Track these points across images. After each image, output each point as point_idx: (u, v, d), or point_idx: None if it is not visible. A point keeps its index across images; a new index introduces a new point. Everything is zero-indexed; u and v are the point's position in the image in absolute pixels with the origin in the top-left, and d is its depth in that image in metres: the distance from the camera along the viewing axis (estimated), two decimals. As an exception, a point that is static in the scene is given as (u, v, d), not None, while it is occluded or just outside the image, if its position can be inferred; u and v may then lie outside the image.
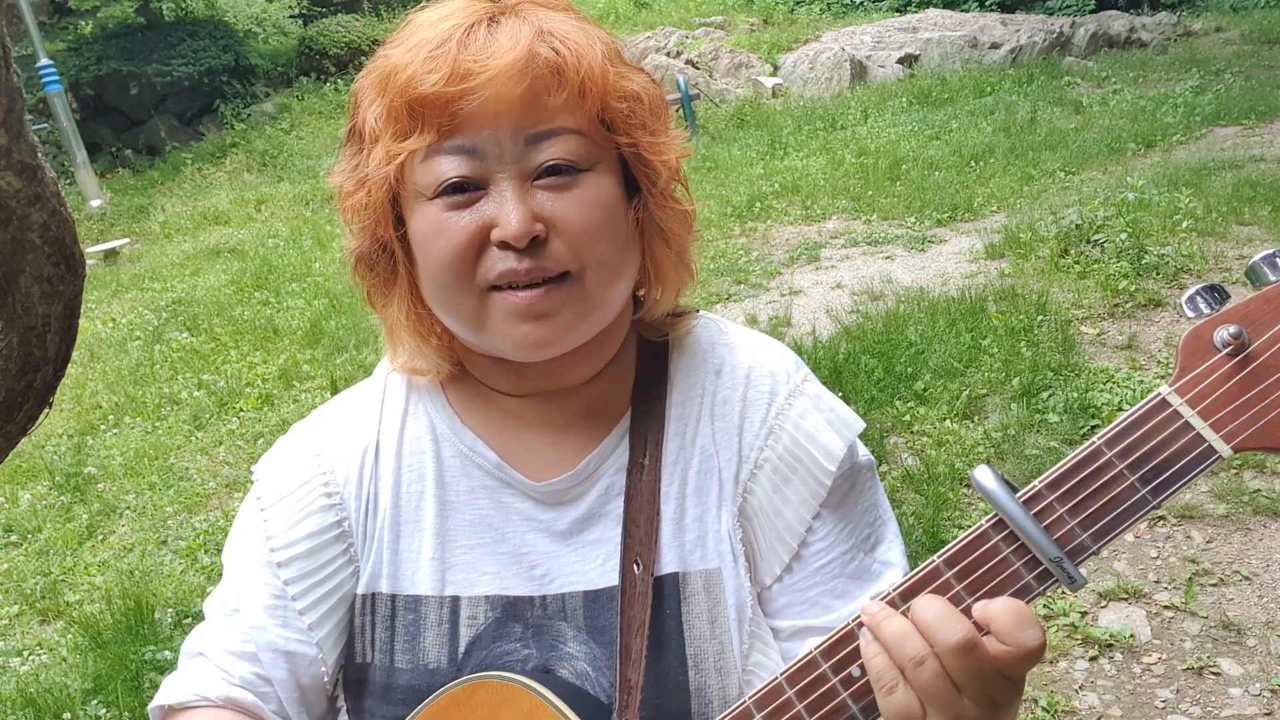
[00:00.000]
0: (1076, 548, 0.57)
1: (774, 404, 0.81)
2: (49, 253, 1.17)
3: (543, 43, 0.71)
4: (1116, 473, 0.56)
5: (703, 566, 0.78)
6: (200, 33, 13.20)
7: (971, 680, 0.58)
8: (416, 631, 0.79)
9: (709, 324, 0.87)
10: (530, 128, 0.72)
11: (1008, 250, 5.25)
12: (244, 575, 0.82)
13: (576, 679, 0.76)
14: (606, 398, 0.83)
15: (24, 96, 1.08)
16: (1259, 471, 3.11)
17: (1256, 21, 11.12)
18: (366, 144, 0.76)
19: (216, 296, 6.96)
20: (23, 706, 2.90)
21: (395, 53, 0.74)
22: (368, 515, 0.81)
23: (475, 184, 0.72)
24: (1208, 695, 2.36)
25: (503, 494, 0.81)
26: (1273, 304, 0.56)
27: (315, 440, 0.84)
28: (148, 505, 4.18)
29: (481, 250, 0.72)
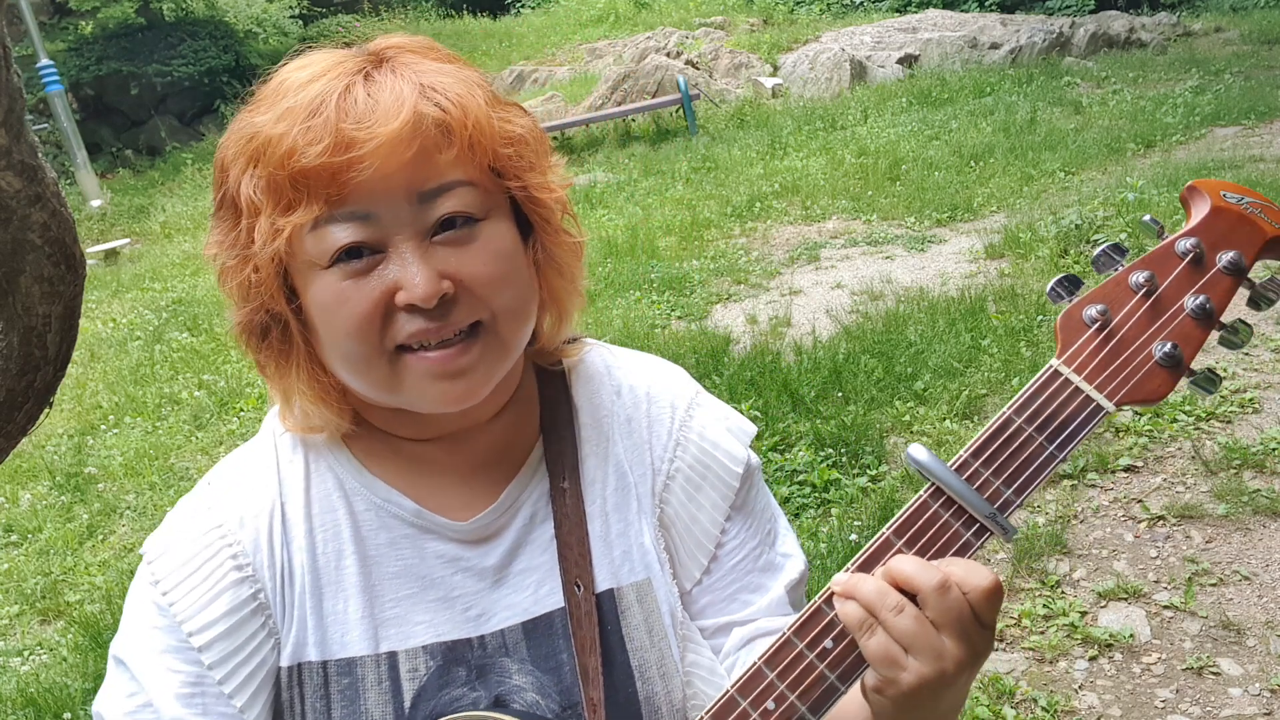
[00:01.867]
0: (1004, 503, 0.66)
1: (675, 417, 0.85)
2: (49, 253, 1.18)
3: (426, 100, 0.70)
4: (1027, 436, 0.66)
5: (633, 579, 0.81)
6: (200, 33, 13.21)
7: (950, 619, 0.63)
8: (355, 695, 0.76)
9: (599, 349, 0.89)
10: (422, 185, 0.70)
11: (1007, 250, 5.25)
12: (150, 666, 0.76)
13: (528, 709, 0.77)
14: (514, 430, 0.83)
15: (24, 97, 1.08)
16: (1259, 471, 3.11)
17: (1256, 21, 11.12)
18: (245, 216, 0.72)
19: (217, 296, 6.96)
20: (23, 706, 2.90)
21: (265, 120, 0.70)
22: (284, 583, 0.78)
23: (372, 248, 0.70)
24: (1207, 695, 2.36)
25: (424, 540, 0.80)
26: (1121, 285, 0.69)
27: (213, 512, 0.79)
28: (148, 505, 4.18)
29: (387, 314, 0.71)
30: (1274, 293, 0.67)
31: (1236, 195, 0.69)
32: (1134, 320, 0.68)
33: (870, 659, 0.65)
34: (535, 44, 13.95)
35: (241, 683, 0.76)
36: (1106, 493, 3.16)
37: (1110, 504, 3.11)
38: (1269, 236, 0.68)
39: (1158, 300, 0.68)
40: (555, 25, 14.64)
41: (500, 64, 13.19)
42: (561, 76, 12.01)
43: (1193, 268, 0.68)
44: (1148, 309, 0.68)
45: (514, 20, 16.10)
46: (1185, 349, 0.67)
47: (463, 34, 14.93)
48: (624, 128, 9.65)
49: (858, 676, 0.67)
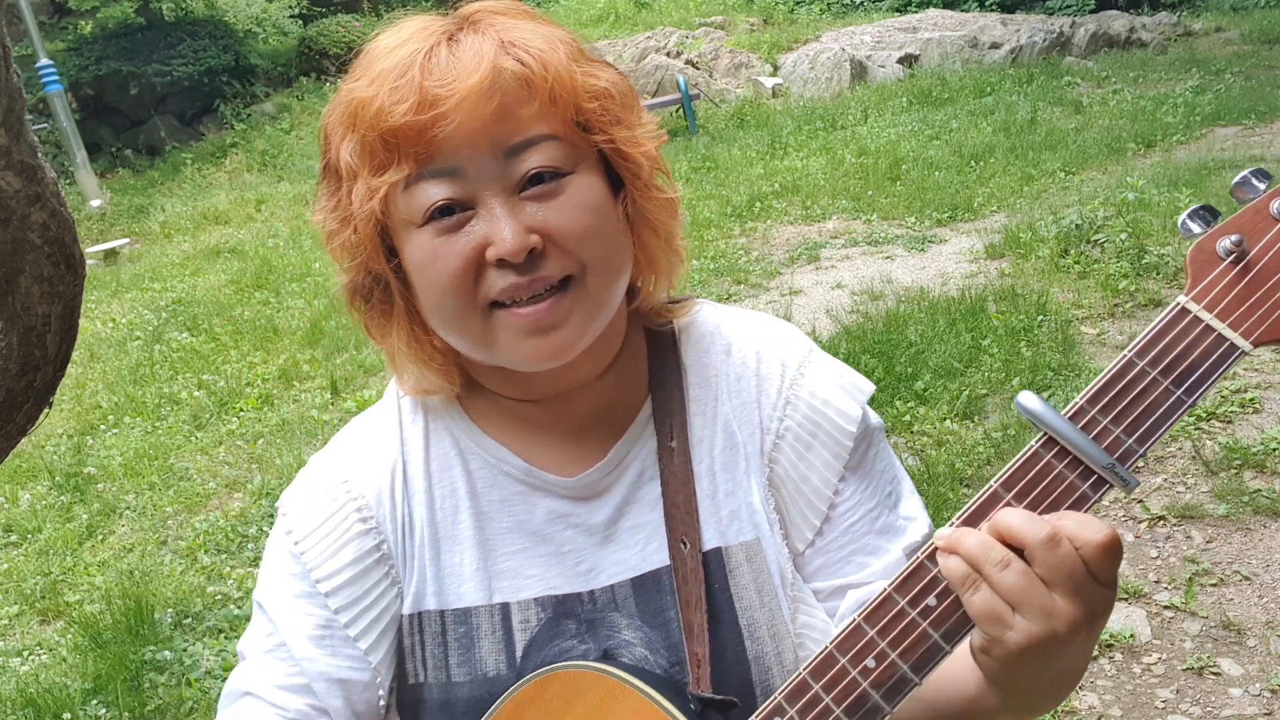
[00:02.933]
0: (1125, 452, 0.61)
1: (786, 376, 0.84)
2: (49, 253, 1.17)
3: (506, 55, 0.71)
4: (1150, 379, 0.61)
5: (741, 539, 0.81)
6: (200, 33, 13.20)
7: (1060, 576, 0.60)
8: (471, 642, 0.80)
9: (710, 308, 0.89)
10: (507, 141, 0.71)
11: (1008, 250, 5.25)
12: (285, 610, 0.81)
13: (637, 663, 0.78)
14: (621, 389, 0.84)
15: (24, 96, 1.08)
16: (1259, 471, 3.11)
17: (1256, 21, 11.11)
18: (345, 181, 0.75)
19: (216, 296, 6.96)
20: (23, 706, 2.90)
21: (358, 86, 0.73)
22: (405, 536, 0.82)
23: (462, 205, 0.72)
24: (1208, 695, 2.36)
25: (535, 497, 0.82)
26: (1262, 214, 0.62)
27: (340, 468, 0.84)
28: (147, 505, 4.18)
29: (480, 270, 0.73)
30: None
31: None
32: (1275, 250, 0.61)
33: (974, 617, 0.62)
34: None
35: (366, 627, 0.80)
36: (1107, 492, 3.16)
37: (1110, 504, 3.11)
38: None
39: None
40: (555, 25, 14.64)
41: (500, 64, 13.19)
42: (561, 76, 12.00)
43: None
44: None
45: (514, 20, 16.08)
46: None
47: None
48: (624, 127, 9.65)
49: (963, 636, 0.64)
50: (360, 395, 4.89)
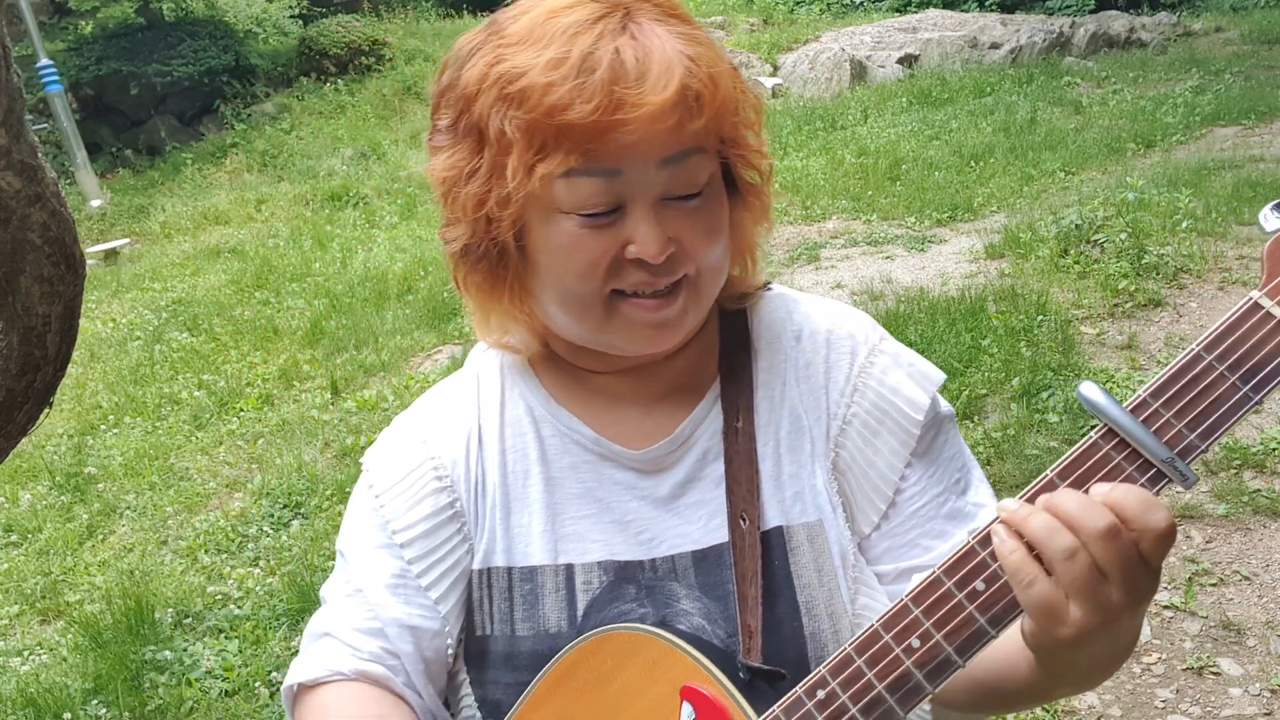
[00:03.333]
0: (1186, 447, 0.59)
1: (855, 363, 0.85)
2: (49, 253, 1.17)
3: (692, 76, 0.73)
4: (1217, 375, 0.59)
5: (804, 520, 0.83)
6: (200, 33, 13.19)
7: (1116, 566, 0.59)
8: (535, 599, 0.84)
9: (782, 293, 0.92)
10: (669, 151, 0.74)
11: (1007, 250, 5.25)
12: (363, 559, 0.87)
13: (693, 632, 0.80)
14: (693, 368, 0.87)
15: (24, 96, 1.08)
16: (1259, 471, 3.11)
17: (1256, 21, 11.11)
18: (493, 148, 0.75)
19: (217, 296, 6.96)
20: (23, 706, 2.90)
21: (528, 63, 0.71)
22: (478, 496, 0.87)
23: (614, 205, 0.75)
24: (1207, 695, 2.36)
25: (603, 467, 0.86)
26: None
27: (419, 429, 0.90)
28: (148, 505, 4.18)
29: (615, 263, 0.76)
30: None
31: None
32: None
33: (1030, 609, 0.61)
34: (535, 44, 13.92)
35: (437, 578, 0.85)
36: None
37: (1110, 504, 3.11)
38: None
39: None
40: (555, 25, 14.63)
41: (500, 64, 13.18)
42: (561, 76, 11.99)
43: None
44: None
45: (514, 20, 16.07)
46: None
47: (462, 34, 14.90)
48: (624, 128, 9.64)
49: (1009, 622, 0.63)
50: (360, 395, 4.89)
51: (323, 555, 3.51)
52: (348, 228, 8.32)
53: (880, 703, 0.65)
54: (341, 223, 8.51)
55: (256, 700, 2.83)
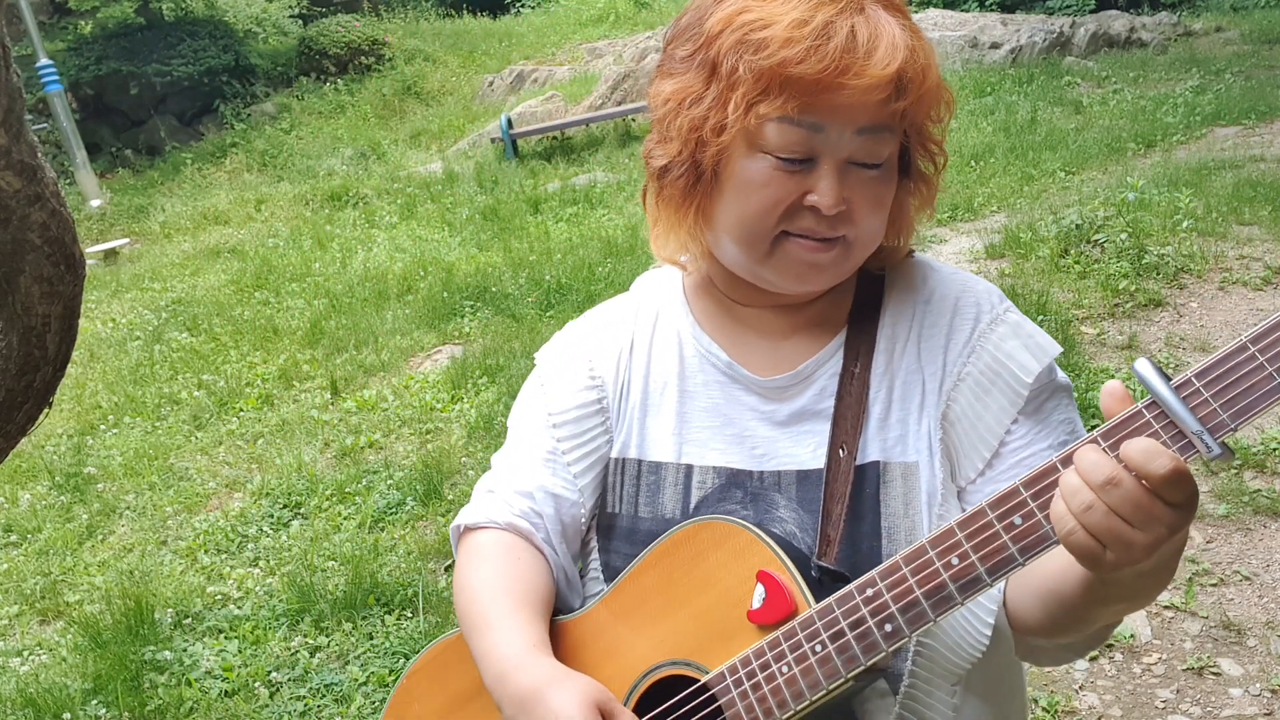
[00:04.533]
0: (1217, 425, 0.66)
1: (978, 328, 0.94)
2: (49, 253, 1.17)
3: (910, 60, 0.84)
4: (1258, 364, 0.65)
5: (902, 459, 0.92)
6: (200, 33, 13.19)
7: (1130, 510, 0.67)
8: (657, 489, 0.98)
9: (922, 261, 1.01)
10: (867, 121, 0.85)
11: (1008, 250, 5.25)
12: (526, 434, 1.04)
13: (785, 536, 0.92)
14: (826, 314, 0.98)
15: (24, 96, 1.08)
16: (1259, 471, 3.11)
17: (1257, 21, 11.11)
18: (721, 82, 0.86)
19: (216, 296, 6.96)
20: (23, 706, 2.90)
21: (771, 12, 0.83)
22: (622, 397, 1.02)
23: (808, 156, 0.86)
24: (1208, 695, 2.36)
25: (732, 388, 0.98)
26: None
27: (583, 336, 1.06)
28: (147, 505, 4.18)
29: (792, 206, 0.88)
30: None
31: None
32: None
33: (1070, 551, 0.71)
34: (535, 44, 13.93)
35: (579, 457, 1.02)
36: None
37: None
38: None
39: None
40: (555, 25, 14.63)
41: (500, 64, 13.19)
42: (561, 76, 12.00)
43: None
44: None
45: (514, 20, 16.08)
46: None
47: (463, 34, 14.92)
48: (624, 128, 9.64)
49: (1037, 554, 0.73)
50: (360, 395, 4.88)
51: (323, 555, 3.51)
52: (347, 228, 8.31)
53: (915, 605, 0.78)
54: (341, 223, 8.51)
55: (256, 700, 2.82)
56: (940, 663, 0.90)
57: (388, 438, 4.41)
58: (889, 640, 0.79)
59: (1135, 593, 0.76)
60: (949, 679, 0.91)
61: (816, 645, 0.81)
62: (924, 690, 0.90)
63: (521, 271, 6.20)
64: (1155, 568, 0.72)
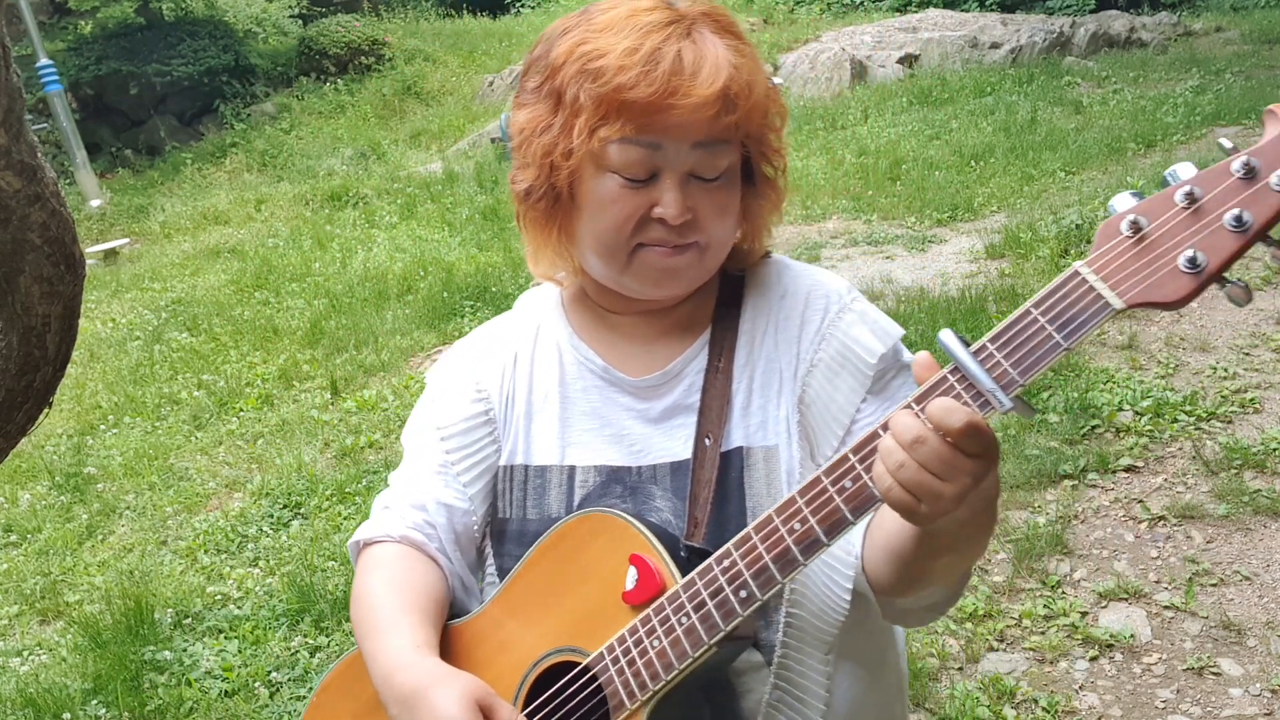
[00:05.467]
0: (1009, 382, 0.75)
1: (827, 317, 1.02)
2: (49, 252, 1.17)
3: (734, 78, 0.91)
4: (1039, 326, 0.74)
5: (764, 444, 1.00)
6: (200, 33, 13.19)
7: (936, 463, 0.74)
8: (543, 492, 1.05)
9: (779, 261, 1.10)
10: (701, 137, 0.92)
11: (1008, 250, 5.25)
12: (418, 450, 1.10)
13: (661, 523, 0.99)
14: (691, 316, 1.06)
15: (24, 96, 1.08)
16: (1259, 471, 3.11)
17: (1257, 21, 11.10)
18: (566, 110, 0.94)
19: (216, 296, 6.96)
20: (22, 706, 2.90)
21: (605, 43, 0.91)
22: (508, 407, 1.08)
23: (650, 173, 0.94)
24: (1208, 695, 2.36)
25: (609, 390, 1.06)
26: (1166, 199, 0.73)
27: (469, 354, 1.12)
28: (147, 505, 4.18)
29: (642, 219, 0.95)
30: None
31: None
32: (1166, 229, 0.72)
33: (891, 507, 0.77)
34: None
35: (468, 468, 1.07)
36: (1107, 493, 3.16)
37: (1111, 504, 3.11)
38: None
39: (1198, 212, 0.71)
40: (555, 25, 14.62)
41: (500, 64, 13.18)
42: (561, 76, 11.98)
43: (1243, 183, 0.70)
44: (1184, 219, 0.71)
45: (514, 20, 16.08)
46: (1212, 257, 0.70)
47: (463, 34, 14.92)
48: (624, 127, 9.63)
49: (865, 512, 0.81)
50: (360, 395, 4.88)
51: (322, 555, 3.51)
52: (347, 228, 8.31)
53: (765, 570, 0.85)
54: (341, 223, 8.51)
55: (256, 700, 2.82)
56: (809, 631, 0.97)
57: (388, 438, 4.41)
58: (744, 605, 0.85)
59: (959, 542, 0.83)
60: (820, 647, 0.98)
61: (682, 617, 0.88)
62: (795, 659, 0.97)
63: (522, 271, 6.20)
64: (970, 518, 0.79)
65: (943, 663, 2.57)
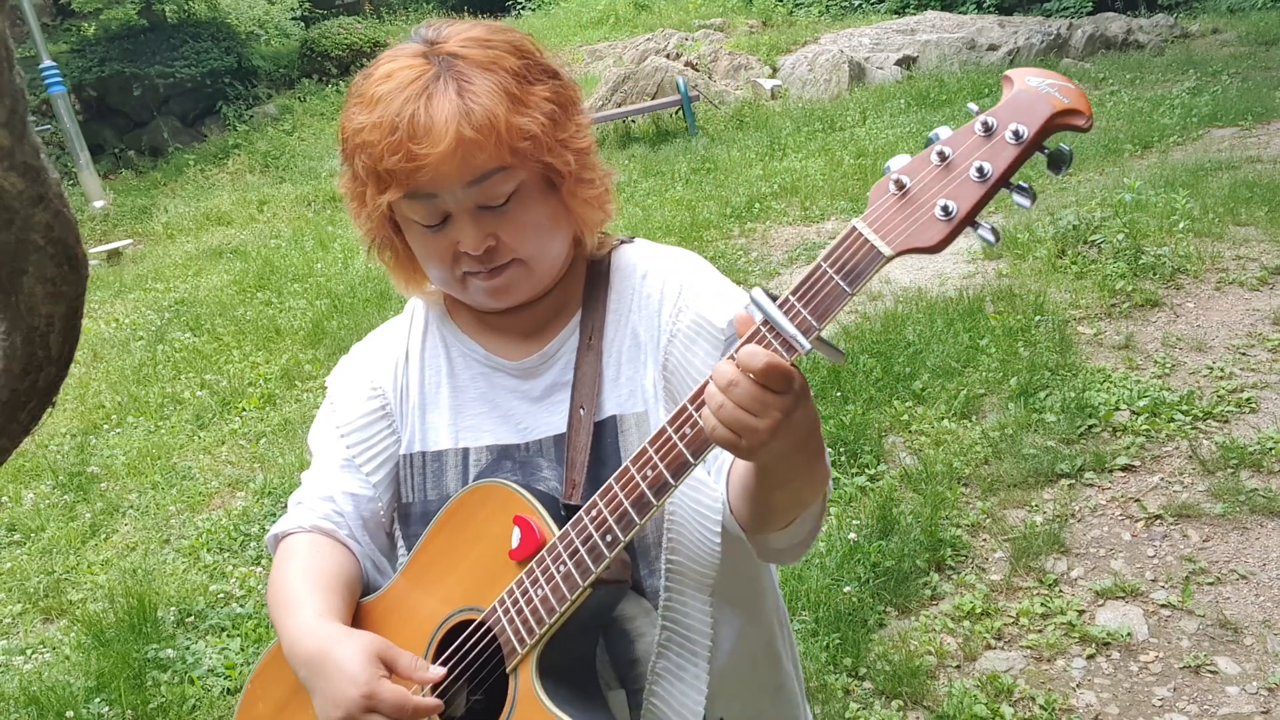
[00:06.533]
0: (807, 327, 0.84)
1: (682, 293, 1.11)
2: (52, 253, 1.19)
3: (467, 125, 0.97)
4: (828, 277, 0.84)
5: (634, 410, 1.09)
6: (203, 34, 13.22)
7: (748, 400, 0.82)
8: (441, 474, 1.14)
9: (640, 245, 1.20)
10: (469, 177, 0.99)
11: (1005, 251, 5.26)
12: (323, 449, 1.18)
13: (548, 491, 1.08)
14: (562, 301, 1.15)
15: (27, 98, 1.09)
16: (1255, 470, 3.12)
17: (1253, 23, 11.11)
18: (358, 180, 1.05)
19: (219, 297, 6.98)
20: (26, 705, 2.91)
21: (361, 119, 1.01)
22: (402, 400, 1.17)
23: (443, 217, 1.03)
24: (1205, 694, 2.37)
25: (494, 376, 1.15)
26: (924, 160, 0.84)
27: (363, 355, 1.22)
28: (150, 504, 4.19)
29: (455, 256, 1.05)
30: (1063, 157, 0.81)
31: (1039, 79, 0.83)
32: (923, 184, 0.83)
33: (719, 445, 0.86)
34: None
35: (369, 459, 1.15)
36: (1104, 492, 3.17)
37: (1107, 503, 3.12)
38: (1056, 110, 0.81)
39: (948, 167, 0.83)
40: (555, 26, 14.64)
41: (501, 65, 13.17)
42: (562, 78, 11.98)
43: (983, 139, 0.83)
44: (938, 174, 0.83)
45: (514, 21, 16.10)
46: (961, 204, 0.82)
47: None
48: (624, 129, 9.66)
49: (704, 454, 0.90)
50: (361, 396, 4.90)
51: (323, 555, 3.52)
52: (349, 228, 8.32)
53: (625, 514, 0.94)
54: (343, 223, 8.52)
55: (258, 698, 2.84)
56: (689, 574, 1.07)
57: (388, 438, 4.42)
58: (610, 547, 0.94)
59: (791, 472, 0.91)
60: (701, 590, 1.07)
61: (559, 565, 0.97)
62: (679, 602, 1.07)
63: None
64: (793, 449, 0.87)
65: (940, 661, 2.59)
